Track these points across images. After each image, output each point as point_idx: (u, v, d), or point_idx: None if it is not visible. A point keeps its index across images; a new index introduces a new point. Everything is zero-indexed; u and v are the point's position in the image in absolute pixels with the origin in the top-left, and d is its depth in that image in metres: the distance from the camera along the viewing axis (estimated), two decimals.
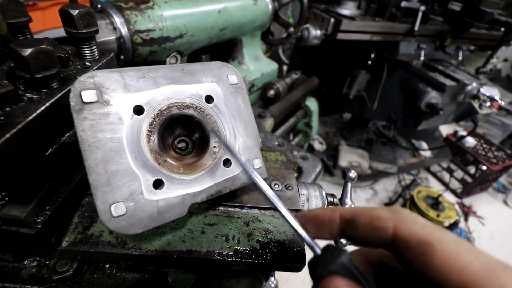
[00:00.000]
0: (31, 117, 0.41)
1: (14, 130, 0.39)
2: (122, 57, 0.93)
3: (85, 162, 0.43)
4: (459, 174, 4.03)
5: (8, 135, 0.38)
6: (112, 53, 0.62)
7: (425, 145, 3.97)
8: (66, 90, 0.49)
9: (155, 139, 0.49)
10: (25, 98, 0.44)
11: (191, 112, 0.52)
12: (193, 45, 1.16)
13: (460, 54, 2.89)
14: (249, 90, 1.49)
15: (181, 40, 1.07)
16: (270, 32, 1.78)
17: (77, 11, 0.53)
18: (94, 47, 0.58)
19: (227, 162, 0.55)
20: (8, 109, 0.42)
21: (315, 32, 2.26)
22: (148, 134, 0.48)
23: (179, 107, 0.51)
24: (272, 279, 1.18)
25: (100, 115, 0.45)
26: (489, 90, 2.58)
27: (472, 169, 3.88)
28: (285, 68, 3.45)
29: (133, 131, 0.47)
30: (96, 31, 0.56)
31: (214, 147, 0.54)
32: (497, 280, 0.28)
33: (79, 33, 0.54)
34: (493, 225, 3.59)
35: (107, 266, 0.59)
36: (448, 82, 2.52)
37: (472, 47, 3.15)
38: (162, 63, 1.09)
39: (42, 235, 0.49)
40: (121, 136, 0.46)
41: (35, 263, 0.58)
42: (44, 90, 0.47)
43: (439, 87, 2.53)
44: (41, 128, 0.45)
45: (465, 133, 3.77)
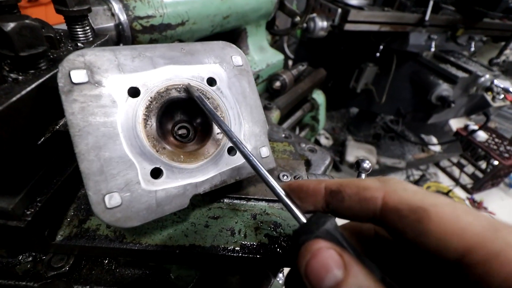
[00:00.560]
0: (14, 98, 0.37)
1: None
2: (121, 45, 0.89)
3: (75, 149, 0.39)
4: (470, 169, 3.94)
5: None
6: (107, 35, 0.58)
7: (434, 140, 3.88)
8: (55, 71, 0.44)
9: (152, 124, 0.44)
10: (9, 79, 0.40)
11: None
12: (196, 33, 1.11)
13: (473, 45, 2.79)
14: (254, 81, 1.45)
15: (182, 28, 1.03)
16: (275, 23, 1.73)
17: None
18: (87, 27, 0.54)
19: (232, 150, 0.51)
20: None
21: (321, 23, 2.19)
22: (145, 119, 0.44)
23: (178, 89, 0.47)
24: (281, 275, 1.14)
25: (91, 97, 0.41)
26: (502, 83, 2.49)
27: (483, 164, 3.79)
28: (290, 63, 3.39)
29: (128, 115, 0.43)
30: (89, 10, 0.52)
31: (218, 133, 0.50)
32: (502, 239, 0.25)
33: (70, 11, 0.50)
34: (504, 221, 3.50)
35: (106, 261, 0.56)
36: (460, 74, 2.44)
37: (485, 38, 3.05)
38: None
39: (33, 228, 0.45)
40: (115, 120, 0.42)
41: (30, 259, 0.54)
42: (32, 71, 0.43)
43: (451, 79, 2.45)
44: (27, 112, 0.41)
45: (476, 127, 3.67)
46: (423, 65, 2.63)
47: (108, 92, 0.42)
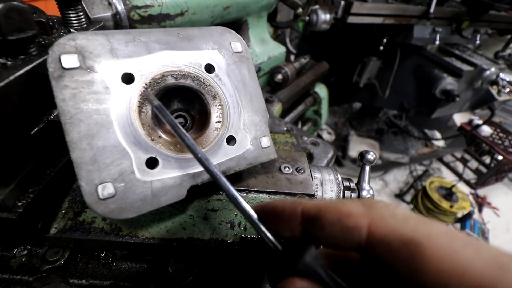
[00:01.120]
0: (2, 84, 0.36)
1: None
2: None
3: (66, 137, 0.37)
4: (473, 164, 3.90)
5: None
6: (102, 22, 0.56)
7: (438, 135, 3.84)
8: (46, 57, 0.43)
9: (148, 112, 0.43)
10: None
11: (189, 82, 0.46)
12: (195, 24, 1.09)
13: (478, 38, 2.74)
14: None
15: (182, 18, 1.00)
16: (277, 15, 1.70)
17: None
18: (81, 13, 0.52)
19: (231, 140, 0.49)
20: None
21: (324, 16, 2.15)
22: (140, 106, 0.42)
23: (175, 76, 0.45)
24: None
25: (83, 83, 0.39)
26: (508, 76, 2.45)
27: (487, 159, 3.75)
28: (292, 58, 3.35)
29: (121, 102, 0.41)
30: None
31: (216, 122, 0.48)
32: (510, 280, 0.22)
33: None
34: (508, 217, 3.47)
35: (102, 255, 0.54)
36: (465, 67, 2.40)
37: (491, 31, 2.99)
38: None
39: (26, 220, 0.44)
40: (108, 108, 0.40)
41: (25, 252, 0.53)
42: (21, 57, 0.41)
43: (456, 73, 2.41)
44: (16, 99, 0.39)
45: (480, 122, 3.63)
46: (427, 58, 2.58)
47: (101, 78, 0.40)
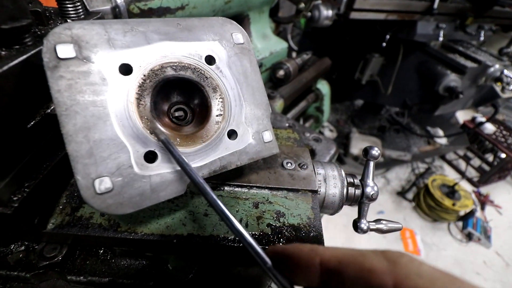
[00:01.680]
0: None
1: None
2: None
3: (62, 129, 0.36)
4: (476, 162, 3.87)
5: None
6: (100, 13, 0.54)
7: (440, 132, 3.81)
8: (41, 47, 0.41)
9: (146, 104, 0.41)
10: None
11: (188, 74, 0.44)
12: None
13: (482, 34, 2.71)
14: None
15: (182, 12, 0.99)
16: (279, 11, 1.68)
17: None
18: (78, 3, 0.50)
19: (233, 134, 0.48)
20: None
21: (326, 12, 2.13)
22: (138, 98, 0.41)
23: (174, 67, 0.44)
24: None
25: (79, 73, 0.38)
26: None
27: (490, 157, 3.72)
28: (294, 55, 3.32)
29: (119, 94, 0.39)
30: None
31: (217, 115, 0.46)
32: None
33: None
34: (511, 215, 3.45)
35: (101, 251, 0.53)
36: (469, 64, 2.37)
37: (495, 27, 2.96)
38: None
39: (21, 215, 0.42)
40: (105, 99, 0.38)
41: (22, 248, 0.52)
42: (16, 47, 0.40)
43: (459, 69, 2.38)
44: (10, 90, 0.38)
45: (484, 119, 3.60)
46: (430, 55, 2.55)
47: (98, 68, 0.39)
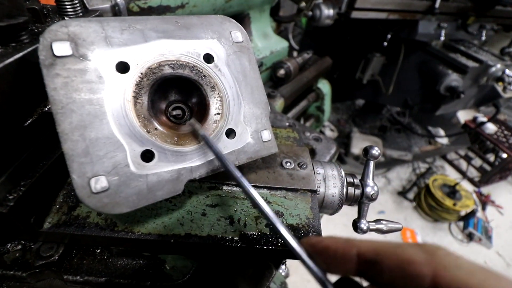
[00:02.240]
0: None
1: None
2: None
3: (57, 127, 0.36)
4: (477, 162, 3.86)
5: None
6: (98, 11, 0.54)
7: (442, 132, 3.80)
8: (38, 45, 0.41)
9: (143, 103, 0.41)
10: None
11: (186, 72, 0.44)
12: None
13: (484, 34, 2.69)
14: None
15: (182, 10, 0.98)
16: (279, 10, 1.68)
17: None
18: (76, 1, 0.50)
19: (231, 133, 0.47)
20: None
21: (327, 11, 2.12)
22: (135, 97, 0.40)
23: (172, 65, 0.43)
24: (283, 267, 1.12)
25: (75, 71, 0.37)
26: None
27: (491, 157, 3.71)
28: (295, 54, 3.31)
29: (116, 92, 0.39)
30: None
31: (215, 114, 0.46)
32: None
33: None
34: None
35: (98, 251, 0.53)
36: (471, 64, 2.36)
37: (497, 27, 2.94)
38: None
39: (17, 214, 0.42)
40: (101, 98, 0.38)
41: (19, 247, 0.52)
42: (12, 44, 0.40)
43: (461, 69, 2.37)
44: (6, 87, 0.37)
45: (485, 119, 3.59)
46: (432, 54, 2.54)
47: (94, 66, 0.38)
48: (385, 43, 2.56)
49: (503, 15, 2.66)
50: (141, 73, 0.41)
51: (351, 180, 0.60)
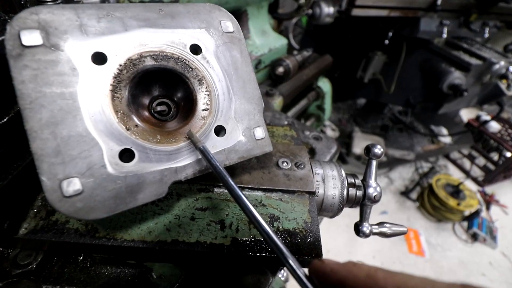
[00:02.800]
0: None
1: None
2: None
3: (25, 125, 0.32)
4: (481, 161, 3.81)
5: None
6: (80, 0, 0.50)
7: (444, 131, 3.76)
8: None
9: (122, 98, 0.37)
10: None
11: (171, 64, 0.40)
12: None
13: (487, 31, 2.65)
14: (256, 67, 1.37)
15: None
16: (278, 7, 1.64)
17: None
18: None
19: (221, 130, 0.44)
20: None
21: (327, 9, 2.09)
22: (113, 90, 0.37)
23: (155, 57, 0.39)
24: (282, 271, 1.08)
25: (46, 63, 0.34)
26: None
27: (495, 156, 3.66)
28: (295, 54, 3.28)
29: (91, 86, 0.35)
30: None
31: (203, 110, 0.42)
32: None
33: None
34: None
35: (80, 258, 0.49)
36: (474, 61, 2.32)
37: (500, 24, 2.90)
38: None
39: None
40: (75, 91, 0.34)
41: None
42: None
43: (464, 67, 2.33)
44: None
45: (488, 118, 3.54)
46: (434, 52, 2.50)
47: (67, 57, 0.35)
48: (387, 41, 2.52)
49: (506, 12, 2.62)
50: (120, 65, 0.37)
51: (352, 180, 0.56)
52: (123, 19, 0.39)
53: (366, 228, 0.53)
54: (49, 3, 0.47)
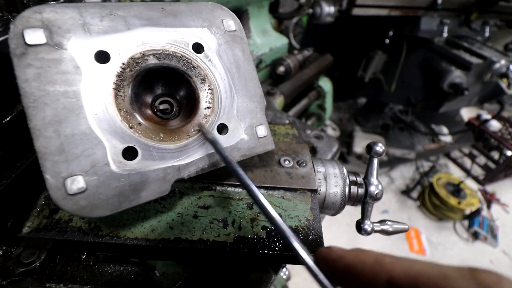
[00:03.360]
0: None
1: None
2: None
3: (29, 123, 0.32)
4: (482, 160, 3.81)
5: None
6: (83, 1, 0.51)
7: (445, 130, 3.75)
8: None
9: (126, 96, 0.37)
10: None
11: (173, 63, 0.41)
12: None
13: (487, 30, 2.65)
14: (257, 67, 1.37)
15: None
16: (279, 6, 1.64)
17: None
18: None
19: (223, 128, 0.44)
20: None
21: (328, 9, 2.09)
22: (116, 89, 0.37)
23: (157, 55, 0.40)
24: (284, 269, 1.08)
25: (49, 61, 0.34)
26: None
27: (496, 155, 3.66)
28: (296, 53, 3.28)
29: (94, 84, 0.36)
30: None
31: (206, 108, 0.42)
32: None
33: None
34: None
35: (83, 257, 0.50)
36: (474, 60, 2.31)
37: (500, 23, 2.90)
38: None
39: None
40: (78, 90, 0.35)
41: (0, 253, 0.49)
42: None
43: (464, 66, 2.33)
44: None
45: (489, 117, 3.53)
46: (434, 51, 2.50)
47: (71, 56, 0.35)
48: (387, 41, 2.52)
49: (507, 11, 2.62)
50: (123, 63, 0.37)
51: (354, 178, 0.56)
52: (126, 18, 0.39)
53: (367, 226, 0.53)
54: (52, 2, 0.47)
